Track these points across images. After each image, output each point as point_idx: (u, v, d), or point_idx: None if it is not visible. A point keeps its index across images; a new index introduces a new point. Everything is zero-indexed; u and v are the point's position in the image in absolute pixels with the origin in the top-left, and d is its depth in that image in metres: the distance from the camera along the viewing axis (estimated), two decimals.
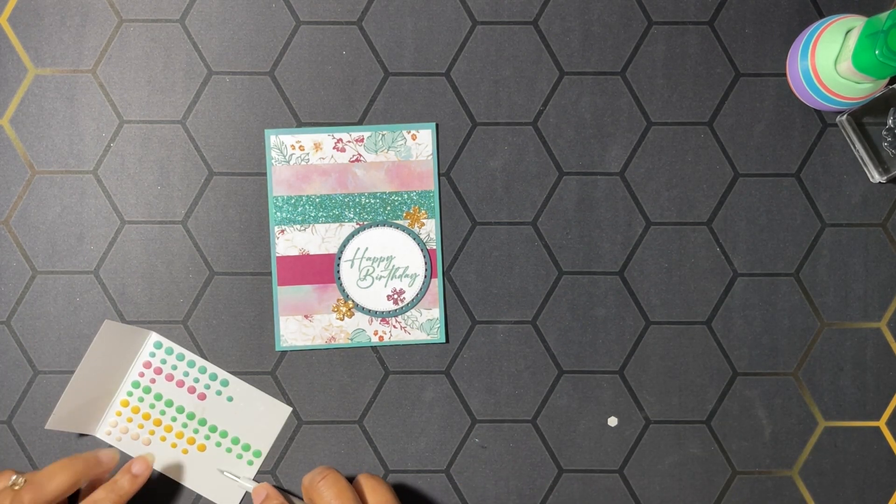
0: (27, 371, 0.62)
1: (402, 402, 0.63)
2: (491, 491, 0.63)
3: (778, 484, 0.63)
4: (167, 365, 0.63)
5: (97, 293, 0.63)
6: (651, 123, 0.63)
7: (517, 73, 0.63)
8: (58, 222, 0.63)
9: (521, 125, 0.63)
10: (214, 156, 0.63)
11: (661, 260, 0.63)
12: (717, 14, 0.64)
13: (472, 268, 0.63)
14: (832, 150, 0.64)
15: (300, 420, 0.63)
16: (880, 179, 0.62)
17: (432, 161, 0.63)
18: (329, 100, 0.63)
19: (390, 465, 0.63)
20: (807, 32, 0.62)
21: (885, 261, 0.63)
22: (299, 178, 0.63)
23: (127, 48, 0.63)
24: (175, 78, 0.63)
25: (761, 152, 0.63)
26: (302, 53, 0.63)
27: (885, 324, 0.63)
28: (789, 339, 0.63)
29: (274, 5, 0.63)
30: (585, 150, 0.63)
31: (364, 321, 0.63)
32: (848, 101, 0.60)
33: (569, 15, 0.63)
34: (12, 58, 0.63)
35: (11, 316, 0.62)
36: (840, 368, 0.63)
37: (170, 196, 0.63)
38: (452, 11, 0.63)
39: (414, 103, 0.63)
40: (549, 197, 0.63)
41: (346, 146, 0.63)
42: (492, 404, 0.63)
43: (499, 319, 0.63)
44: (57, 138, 0.63)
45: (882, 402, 0.63)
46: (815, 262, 0.63)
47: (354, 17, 0.63)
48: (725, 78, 0.64)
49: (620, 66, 0.63)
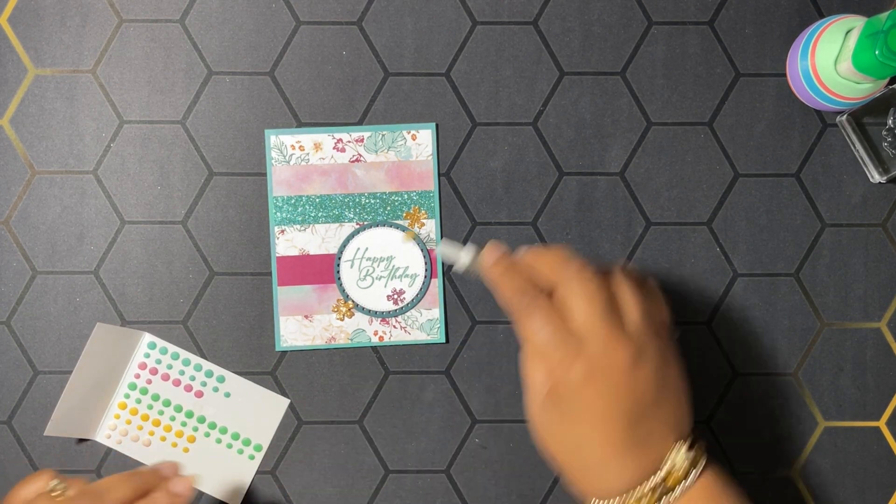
0: (27, 371, 0.62)
1: (402, 402, 0.63)
2: (491, 491, 0.63)
3: (778, 484, 0.63)
4: (162, 365, 0.63)
5: (97, 293, 0.63)
6: (651, 123, 0.63)
7: (517, 73, 0.63)
8: (58, 222, 0.63)
9: (521, 125, 0.63)
10: (214, 156, 0.63)
11: (661, 260, 0.63)
12: (717, 14, 0.64)
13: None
14: (832, 150, 0.64)
15: (300, 420, 0.63)
16: (880, 179, 0.62)
17: (432, 161, 0.63)
18: (329, 100, 0.63)
19: (390, 465, 0.63)
20: (807, 32, 0.62)
21: (885, 261, 0.63)
22: (299, 179, 0.63)
23: (127, 48, 0.63)
24: (175, 78, 0.63)
25: (761, 152, 0.64)
26: (302, 53, 0.63)
27: (885, 324, 0.63)
28: (789, 339, 0.63)
29: (274, 5, 0.63)
30: (585, 150, 0.63)
31: (364, 321, 0.63)
32: (848, 101, 0.60)
33: (569, 15, 0.64)
34: (12, 58, 0.63)
35: (11, 316, 0.62)
36: (840, 368, 0.63)
37: (170, 196, 0.63)
38: (452, 11, 0.63)
39: (414, 103, 0.63)
40: (549, 197, 0.63)
41: (346, 146, 0.63)
42: (492, 404, 0.63)
43: (499, 319, 0.63)
44: (57, 138, 0.63)
45: (882, 402, 0.63)
46: (815, 262, 0.63)
47: (354, 17, 0.63)
48: (725, 78, 0.64)
49: (620, 66, 0.64)
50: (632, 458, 0.48)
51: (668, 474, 0.48)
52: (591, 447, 0.48)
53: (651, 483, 0.48)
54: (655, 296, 0.52)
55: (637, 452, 0.48)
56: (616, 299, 0.49)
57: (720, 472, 0.50)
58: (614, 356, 0.48)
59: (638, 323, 0.49)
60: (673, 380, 0.50)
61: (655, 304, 0.51)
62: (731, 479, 0.50)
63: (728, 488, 0.49)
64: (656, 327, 0.50)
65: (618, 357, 0.48)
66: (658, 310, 0.51)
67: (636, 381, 0.48)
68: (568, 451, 0.49)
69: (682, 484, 0.48)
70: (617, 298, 0.49)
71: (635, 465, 0.48)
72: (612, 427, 0.48)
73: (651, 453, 0.48)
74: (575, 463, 0.49)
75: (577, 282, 0.49)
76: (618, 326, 0.48)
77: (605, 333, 0.48)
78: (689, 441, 0.49)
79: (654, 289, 0.52)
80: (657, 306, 0.51)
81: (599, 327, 0.48)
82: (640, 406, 0.48)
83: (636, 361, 0.48)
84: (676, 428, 0.49)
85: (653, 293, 0.52)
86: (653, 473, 0.48)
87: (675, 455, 0.48)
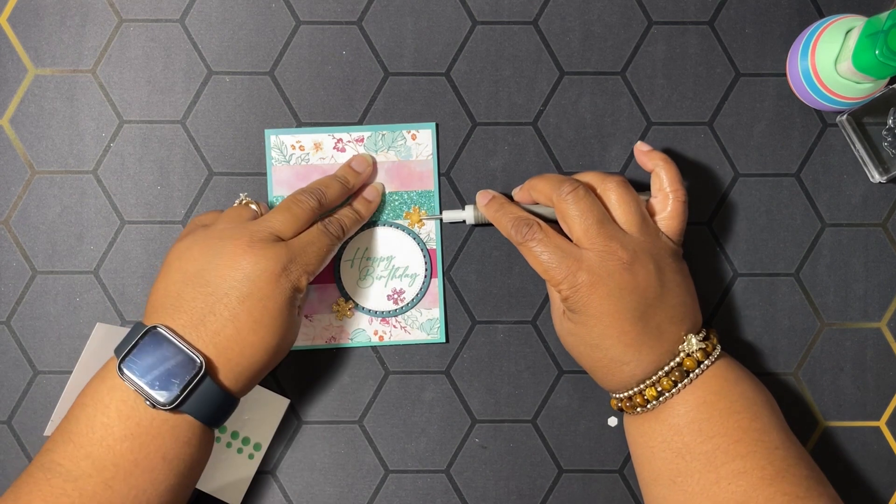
0: (27, 371, 0.62)
1: (402, 402, 0.63)
2: (491, 491, 0.63)
3: None
4: None
5: (97, 293, 0.63)
6: (651, 123, 0.63)
7: (517, 73, 0.63)
8: (58, 222, 0.63)
9: (521, 125, 0.63)
10: (214, 156, 0.63)
11: None
12: (717, 14, 0.64)
13: (472, 268, 0.63)
14: (832, 150, 0.64)
15: (300, 420, 0.63)
16: (880, 179, 0.62)
17: (432, 161, 0.63)
18: (329, 100, 0.63)
19: (390, 465, 0.63)
20: (807, 32, 0.62)
21: (885, 261, 0.63)
22: (299, 178, 0.63)
23: (127, 48, 0.63)
24: (175, 78, 0.63)
25: (761, 152, 0.63)
26: (302, 53, 0.63)
27: (885, 324, 0.63)
28: (789, 339, 0.63)
29: (274, 5, 0.63)
30: (585, 150, 0.63)
31: (364, 321, 0.63)
32: (848, 101, 0.60)
33: (569, 15, 0.64)
34: (12, 58, 0.63)
35: (11, 316, 0.62)
36: (840, 368, 0.63)
37: (170, 196, 0.63)
38: (452, 11, 0.63)
39: (414, 103, 0.63)
40: None
41: (347, 146, 0.63)
42: (492, 404, 0.63)
43: (499, 319, 0.63)
44: (57, 138, 0.63)
45: (882, 402, 0.63)
46: (815, 262, 0.63)
47: (354, 17, 0.63)
48: (725, 78, 0.64)
49: (620, 66, 0.63)
50: (647, 350, 0.54)
51: (682, 361, 0.54)
52: (608, 344, 0.54)
53: (665, 369, 0.54)
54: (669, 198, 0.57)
55: (652, 343, 0.54)
56: (609, 208, 0.55)
57: (733, 361, 0.56)
58: (612, 260, 0.53)
59: (630, 227, 0.55)
60: (672, 274, 0.55)
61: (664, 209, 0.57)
62: (743, 368, 0.55)
63: (741, 373, 0.55)
64: (650, 228, 0.56)
65: (615, 260, 0.53)
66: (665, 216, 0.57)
67: (636, 278, 0.53)
68: (589, 353, 0.55)
69: (697, 369, 0.54)
70: (609, 208, 0.56)
71: (651, 355, 0.54)
72: (623, 323, 0.53)
73: (664, 344, 0.54)
74: (597, 362, 0.55)
75: (570, 201, 0.55)
76: (612, 234, 0.54)
77: (600, 242, 0.53)
78: (703, 333, 0.55)
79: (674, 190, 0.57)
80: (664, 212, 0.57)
81: (595, 237, 0.54)
82: (646, 301, 0.53)
83: (633, 261, 0.53)
84: (686, 320, 0.55)
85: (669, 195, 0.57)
86: (667, 362, 0.54)
87: (687, 344, 0.54)
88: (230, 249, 0.52)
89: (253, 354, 0.52)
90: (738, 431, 0.53)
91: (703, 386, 0.54)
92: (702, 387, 0.54)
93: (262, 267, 0.52)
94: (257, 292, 0.52)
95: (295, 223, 0.55)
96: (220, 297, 0.52)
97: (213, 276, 0.52)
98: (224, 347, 0.51)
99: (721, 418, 0.53)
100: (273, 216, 0.55)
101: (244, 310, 0.52)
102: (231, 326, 0.51)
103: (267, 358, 0.53)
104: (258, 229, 0.54)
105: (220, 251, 0.52)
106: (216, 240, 0.53)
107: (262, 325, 0.52)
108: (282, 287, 0.53)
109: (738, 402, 0.54)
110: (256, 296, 0.52)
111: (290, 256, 0.53)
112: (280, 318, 0.53)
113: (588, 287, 0.53)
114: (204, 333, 0.51)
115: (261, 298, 0.52)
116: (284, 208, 0.56)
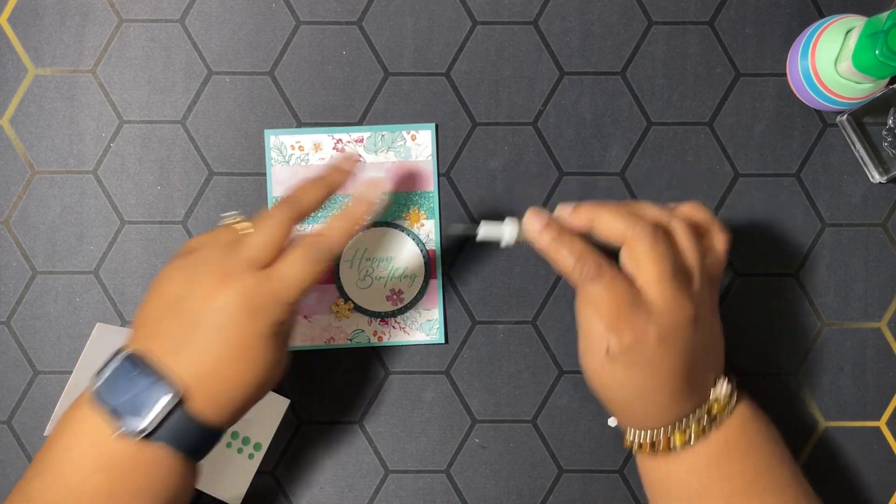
0: (27, 371, 0.62)
1: (402, 402, 0.63)
2: (491, 491, 0.63)
3: None
4: None
5: (97, 293, 0.63)
6: (651, 123, 0.63)
7: (517, 73, 0.63)
8: (58, 222, 0.63)
9: (521, 125, 0.63)
10: (214, 156, 0.63)
11: None
12: (717, 14, 0.64)
13: (472, 268, 0.63)
14: (832, 150, 0.64)
15: (300, 420, 0.63)
16: (880, 179, 0.62)
17: (432, 161, 0.63)
18: (329, 100, 0.63)
19: (390, 465, 0.63)
20: (807, 32, 0.62)
21: (885, 261, 0.63)
22: (299, 179, 0.63)
23: (127, 48, 0.63)
24: (175, 78, 0.63)
25: (761, 152, 0.63)
26: (302, 53, 0.63)
27: (885, 324, 0.63)
28: (789, 339, 0.63)
29: (274, 5, 0.63)
30: (585, 150, 0.63)
31: (363, 322, 0.63)
32: (848, 101, 0.60)
33: (569, 15, 0.63)
34: (12, 58, 0.63)
35: (11, 316, 0.62)
36: (840, 368, 0.63)
37: (170, 196, 0.63)
38: (452, 11, 0.63)
39: (414, 103, 0.63)
40: (549, 197, 0.63)
41: (346, 146, 0.63)
42: (492, 404, 0.63)
43: (499, 319, 0.63)
44: (57, 138, 0.63)
45: (882, 402, 0.63)
46: (815, 262, 0.63)
47: (354, 17, 0.63)
48: (725, 78, 0.63)
49: (620, 66, 0.63)
50: (686, 398, 0.52)
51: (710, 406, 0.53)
52: (654, 396, 0.52)
53: (697, 415, 0.52)
54: (717, 238, 0.55)
55: (691, 391, 0.52)
56: (679, 256, 0.52)
57: (746, 395, 0.55)
58: (681, 315, 0.51)
59: (698, 279, 0.52)
60: (718, 327, 0.54)
61: (713, 253, 0.54)
62: (753, 400, 0.55)
63: (756, 408, 0.55)
64: (710, 278, 0.54)
65: (684, 315, 0.51)
66: (715, 260, 0.54)
67: (698, 334, 0.52)
68: (632, 398, 0.53)
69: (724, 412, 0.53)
70: (679, 255, 0.52)
71: (689, 404, 0.52)
72: (677, 377, 0.51)
73: (702, 391, 0.53)
74: (634, 406, 0.53)
75: (646, 244, 0.51)
76: (682, 286, 0.51)
77: (671, 293, 0.50)
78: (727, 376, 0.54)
79: (719, 231, 0.55)
80: (715, 256, 0.54)
81: (667, 288, 0.50)
82: (699, 357, 0.52)
83: (697, 317, 0.51)
84: (717, 365, 0.54)
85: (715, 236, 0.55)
86: (698, 406, 0.53)
87: (718, 389, 0.53)
88: (206, 281, 0.50)
89: (233, 388, 0.50)
90: (754, 470, 0.52)
91: (725, 428, 0.53)
92: (724, 428, 0.53)
93: (239, 303, 0.49)
94: (234, 326, 0.49)
95: (272, 245, 0.51)
96: (196, 327, 0.49)
97: (191, 305, 0.50)
98: (203, 377, 0.49)
99: (740, 457, 0.53)
100: (251, 241, 0.51)
101: (221, 340, 0.49)
102: (208, 357, 0.49)
103: (250, 391, 0.51)
104: (234, 261, 0.50)
105: (199, 281, 0.50)
106: (194, 268, 0.51)
107: (240, 358, 0.50)
108: (261, 321, 0.50)
109: (756, 440, 0.53)
110: (233, 329, 0.49)
111: (269, 289, 0.50)
112: (260, 351, 0.50)
113: (656, 342, 0.50)
114: (181, 361, 0.49)
115: (239, 332, 0.49)
116: (260, 229, 0.51)
